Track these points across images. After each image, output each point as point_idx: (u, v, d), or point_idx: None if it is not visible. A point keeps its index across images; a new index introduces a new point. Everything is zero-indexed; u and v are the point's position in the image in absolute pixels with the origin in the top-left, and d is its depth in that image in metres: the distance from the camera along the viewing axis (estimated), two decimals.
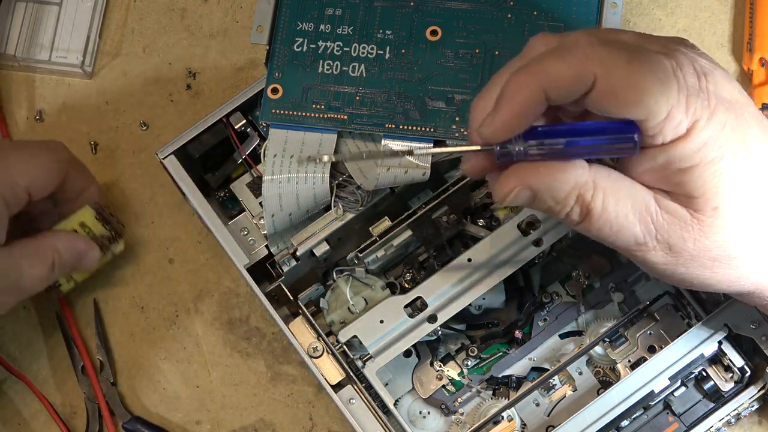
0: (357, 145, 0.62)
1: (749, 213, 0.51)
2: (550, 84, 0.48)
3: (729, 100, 0.50)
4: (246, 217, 0.65)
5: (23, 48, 0.71)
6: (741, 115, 0.50)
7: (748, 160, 0.50)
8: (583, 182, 0.50)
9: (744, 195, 0.50)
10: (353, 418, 0.60)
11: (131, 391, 0.67)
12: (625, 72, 0.48)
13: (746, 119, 0.51)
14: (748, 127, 0.51)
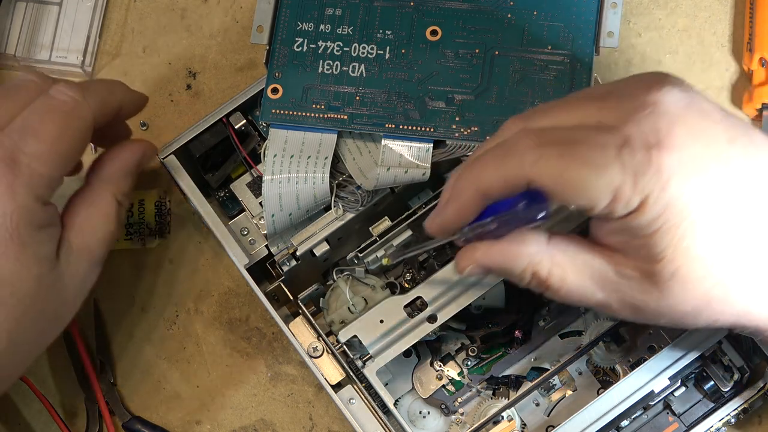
0: (357, 145, 0.62)
1: (723, 258, 0.50)
2: (486, 189, 0.51)
3: (701, 154, 0.49)
4: (246, 217, 0.65)
5: (23, 48, 0.71)
6: (725, 158, 0.50)
7: (726, 205, 0.50)
8: (537, 261, 0.52)
9: (716, 243, 0.50)
10: (353, 418, 0.60)
11: (131, 391, 0.67)
12: (557, 171, 0.49)
13: (733, 158, 0.50)
14: (736, 165, 0.50)
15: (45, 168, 0.55)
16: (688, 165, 0.49)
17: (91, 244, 0.59)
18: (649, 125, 0.49)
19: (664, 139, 0.49)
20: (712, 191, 0.49)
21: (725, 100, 0.69)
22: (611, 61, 0.70)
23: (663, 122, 0.49)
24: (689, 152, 0.49)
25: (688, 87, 0.51)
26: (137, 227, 0.69)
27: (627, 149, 0.49)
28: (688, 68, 0.70)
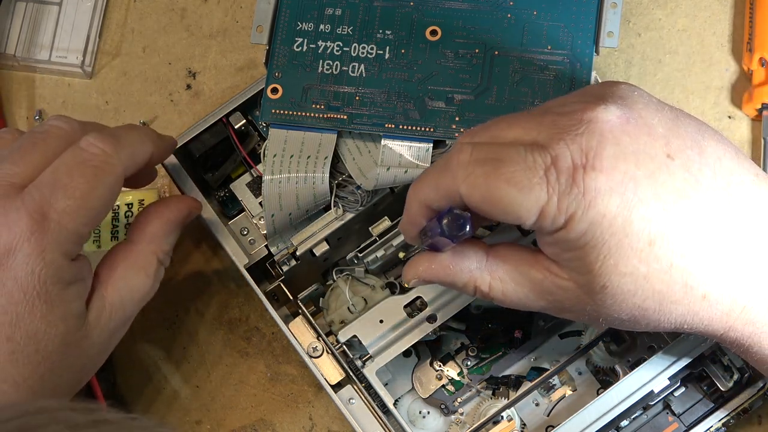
0: (357, 145, 0.62)
1: (655, 273, 0.51)
2: (427, 201, 0.53)
3: (631, 173, 0.50)
4: (246, 217, 0.65)
5: (23, 48, 0.71)
6: (660, 175, 0.50)
7: (658, 221, 0.50)
8: (477, 276, 0.54)
9: (646, 259, 0.50)
10: (353, 418, 0.60)
11: (131, 391, 0.67)
12: (485, 189, 0.50)
13: (672, 174, 0.50)
14: (674, 181, 0.50)
15: (74, 224, 0.54)
16: (616, 185, 0.49)
17: (126, 302, 0.57)
18: (579, 145, 0.50)
19: (592, 160, 0.49)
20: (641, 209, 0.50)
21: (725, 100, 0.69)
22: (611, 61, 0.70)
23: (593, 142, 0.50)
24: (618, 172, 0.49)
25: (632, 100, 0.51)
26: None
27: (553, 170, 0.49)
28: (688, 68, 0.70)
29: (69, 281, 0.54)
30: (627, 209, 0.49)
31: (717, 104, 0.69)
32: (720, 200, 0.51)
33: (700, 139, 0.52)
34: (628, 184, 0.49)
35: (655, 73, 0.70)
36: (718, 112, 0.69)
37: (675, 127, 0.51)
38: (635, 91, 0.52)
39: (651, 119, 0.51)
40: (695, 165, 0.51)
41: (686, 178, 0.50)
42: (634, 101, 0.51)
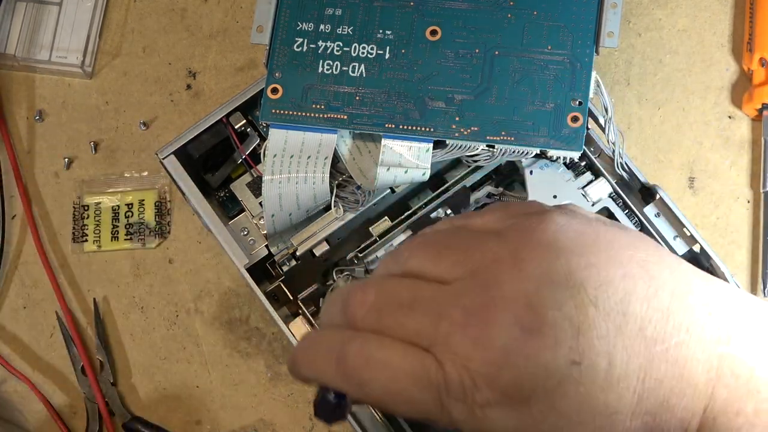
0: (357, 145, 0.62)
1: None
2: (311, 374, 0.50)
3: (528, 396, 0.46)
4: (246, 217, 0.65)
5: (23, 48, 0.71)
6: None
7: (575, 424, 0.47)
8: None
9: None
10: (353, 418, 0.60)
11: (131, 391, 0.67)
12: (372, 400, 0.48)
13: (575, 377, 0.47)
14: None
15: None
16: (509, 410, 0.47)
17: None
18: (469, 373, 0.47)
19: (484, 390, 0.46)
20: (538, 426, 0.47)
21: (725, 100, 0.69)
22: (611, 61, 0.70)
23: (485, 369, 0.46)
24: (512, 399, 0.47)
25: (540, 301, 0.47)
26: (137, 227, 0.69)
27: (445, 392, 0.47)
28: (688, 68, 0.70)
29: None
30: (522, 429, 0.47)
31: (717, 104, 0.69)
32: (625, 392, 0.47)
33: (623, 311, 0.47)
34: (522, 408, 0.47)
35: (655, 73, 0.70)
36: (718, 112, 0.69)
37: (590, 313, 0.47)
38: (552, 264, 0.48)
39: (559, 320, 0.47)
40: (605, 358, 0.47)
41: (591, 380, 0.47)
42: (542, 301, 0.47)
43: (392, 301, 0.49)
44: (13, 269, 0.69)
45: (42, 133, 0.71)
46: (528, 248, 0.48)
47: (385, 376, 0.48)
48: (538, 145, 0.59)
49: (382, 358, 0.48)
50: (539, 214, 0.50)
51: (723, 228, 0.68)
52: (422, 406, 0.48)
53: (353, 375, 0.48)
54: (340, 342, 0.49)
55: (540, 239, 0.48)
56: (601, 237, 0.49)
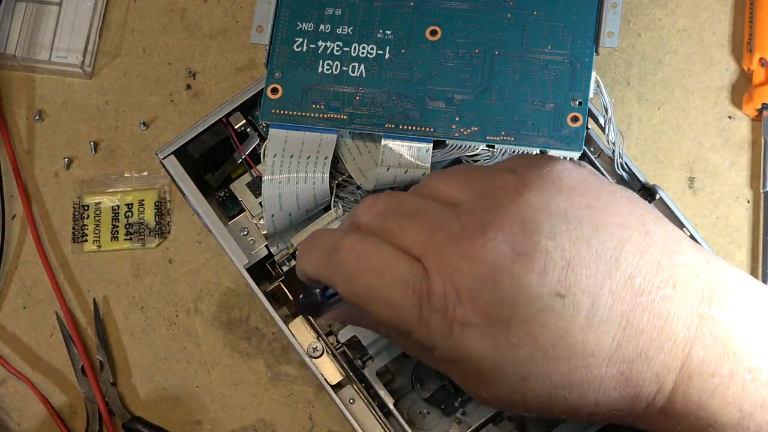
0: (357, 145, 0.62)
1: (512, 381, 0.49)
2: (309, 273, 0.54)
3: (509, 318, 0.48)
4: (246, 217, 0.65)
5: (23, 48, 0.71)
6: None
7: (550, 355, 0.48)
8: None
9: (534, 390, 0.49)
10: (353, 418, 0.60)
11: (131, 391, 0.67)
12: (363, 301, 0.50)
13: (557, 309, 0.48)
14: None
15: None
16: (488, 331, 0.48)
17: None
18: (454, 285, 0.48)
19: (466, 305, 0.48)
20: (513, 352, 0.48)
21: (725, 100, 0.69)
22: (611, 61, 0.70)
23: (470, 284, 0.48)
24: (491, 318, 0.48)
25: (536, 224, 0.48)
26: (137, 227, 0.69)
27: (427, 302, 0.48)
28: (688, 68, 0.70)
29: None
30: (498, 353, 0.48)
31: (717, 104, 0.69)
32: (604, 336, 0.48)
33: (615, 256, 0.48)
34: (501, 330, 0.48)
35: (655, 73, 0.70)
36: (718, 112, 0.69)
37: (583, 251, 0.48)
38: (553, 198, 0.49)
39: (551, 249, 0.48)
40: (589, 297, 0.48)
41: (572, 315, 0.48)
42: (538, 227, 0.48)
43: (399, 210, 0.51)
44: (13, 269, 0.69)
45: (42, 133, 0.71)
46: (533, 181, 0.50)
47: (372, 274, 0.49)
48: (538, 145, 0.59)
49: (373, 257, 0.50)
50: (549, 158, 0.52)
51: (723, 228, 0.68)
52: (402, 311, 0.49)
53: (342, 268, 0.50)
54: (338, 236, 0.51)
55: (545, 174, 0.50)
56: (605, 187, 0.51)
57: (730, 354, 0.49)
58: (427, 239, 0.49)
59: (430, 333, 0.49)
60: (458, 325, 0.48)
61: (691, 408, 0.49)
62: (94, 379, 0.66)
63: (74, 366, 0.67)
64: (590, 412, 0.50)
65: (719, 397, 0.49)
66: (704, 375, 0.49)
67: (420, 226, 0.50)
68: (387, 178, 0.60)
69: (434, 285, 0.48)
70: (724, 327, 0.49)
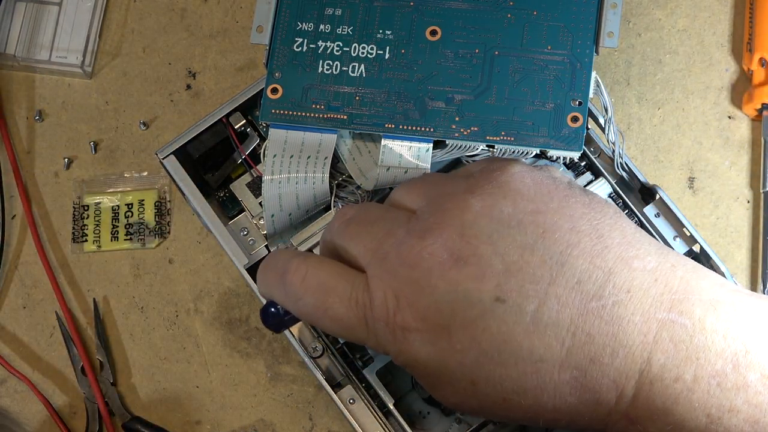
0: (357, 145, 0.62)
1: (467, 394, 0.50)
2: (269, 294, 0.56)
3: (448, 323, 0.48)
4: (246, 217, 0.65)
5: (23, 48, 0.71)
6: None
7: (494, 359, 0.48)
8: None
9: (486, 393, 0.49)
10: (353, 418, 0.60)
11: (131, 391, 0.67)
12: (314, 319, 0.52)
13: (497, 314, 0.48)
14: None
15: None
16: (428, 335, 0.48)
17: None
18: (394, 291, 0.49)
19: (405, 311, 0.49)
20: (456, 356, 0.48)
21: (725, 100, 0.69)
22: (611, 61, 0.70)
23: (408, 290, 0.49)
24: (430, 323, 0.48)
25: (476, 230, 0.48)
26: (137, 227, 0.69)
27: (371, 313, 0.49)
28: (688, 68, 0.70)
29: None
30: (440, 357, 0.48)
31: (717, 104, 0.69)
32: (552, 342, 0.48)
33: (561, 261, 0.48)
34: (441, 334, 0.48)
35: (655, 73, 0.70)
36: (718, 112, 0.69)
37: (526, 256, 0.48)
38: (497, 203, 0.49)
39: (490, 254, 0.48)
40: (532, 303, 0.47)
41: (515, 320, 0.47)
42: (478, 231, 0.48)
43: (362, 218, 0.52)
44: (13, 269, 0.69)
45: (42, 133, 0.71)
46: (479, 185, 0.50)
47: (316, 293, 0.51)
48: (537, 145, 0.59)
49: (316, 276, 0.51)
50: (505, 162, 0.52)
51: (723, 228, 0.68)
52: (349, 324, 0.50)
53: (290, 290, 0.51)
54: (287, 258, 0.52)
55: (494, 179, 0.50)
56: (559, 191, 0.50)
57: (693, 359, 0.48)
58: (375, 246, 0.50)
59: (378, 341, 0.50)
60: (400, 331, 0.49)
61: (657, 414, 0.48)
62: (94, 379, 0.66)
63: (74, 366, 0.67)
64: (551, 417, 0.49)
65: (684, 402, 0.48)
66: (666, 381, 0.48)
67: (374, 234, 0.51)
68: (387, 178, 0.61)
69: (374, 293, 0.49)
70: (685, 332, 0.48)
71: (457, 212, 0.49)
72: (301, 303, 0.52)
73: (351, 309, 0.50)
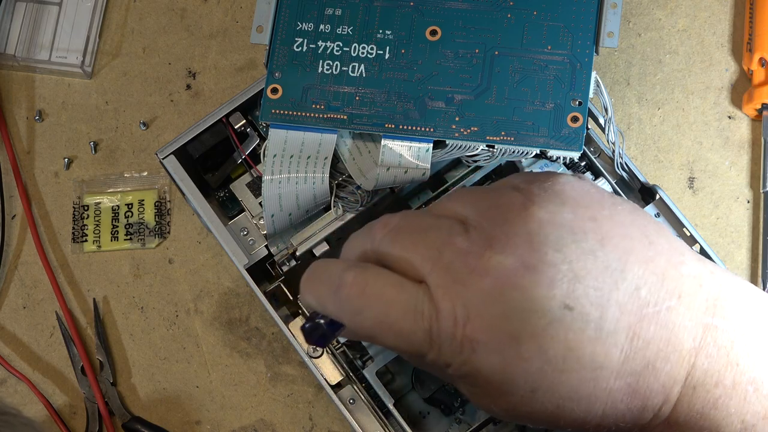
0: (357, 145, 0.62)
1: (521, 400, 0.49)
2: (314, 305, 0.54)
3: (518, 333, 0.47)
4: (246, 217, 0.65)
5: (23, 48, 0.71)
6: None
7: (559, 368, 0.48)
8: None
9: (542, 401, 0.49)
10: (353, 419, 0.60)
11: (131, 391, 0.67)
12: (372, 333, 0.50)
13: (566, 322, 0.47)
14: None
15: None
16: (496, 345, 0.48)
17: None
18: (463, 302, 0.48)
19: (474, 321, 0.48)
20: (523, 365, 0.48)
21: (725, 100, 0.69)
22: (611, 61, 0.70)
23: (478, 300, 0.48)
24: (500, 333, 0.47)
25: (540, 239, 0.48)
26: (137, 227, 0.69)
27: (436, 325, 0.48)
28: (688, 68, 0.70)
29: None
30: (508, 367, 0.48)
31: (717, 104, 0.69)
32: (612, 349, 0.48)
33: (620, 268, 0.48)
34: (511, 344, 0.47)
35: (655, 73, 0.70)
36: (718, 112, 0.69)
37: (589, 263, 0.48)
38: (558, 210, 0.49)
39: (558, 262, 0.48)
40: (597, 310, 0.47)
41: (581, 328, 0.47)
42: (544, 239, 0.48)
43: (410, 227, 0.51)
44: (13, 269, 0.69)
45: (42, 133, 0.71)
46: (537, 195, 0.50)
47: (378, 307, 0.49)
48: (537, 145, 0.59)
49: (377, 289, 0.50)
50: (551, 173, 0.52)
51: (723, 228, 0.68)
52: (412, 338, 0.49)
53: (348, 303, 0.50)
54: (341, 270, 0.51)
55: (548, 188, 0.50)
56: (606, 199, 0.51)
57: (733, 364, 0.48)
58: (435, 255, 0.49)
59: (440, 354, 0.49)
60: (468, 342, 0.48)
61: (694, 419, 0.49)
62: (94, 379, 0.66)
63: (74, 366, 0.67)
64: (596, 424, 0.49)
65: (722, 407, 0.48)
66: (708, 385, 0.48)
67: (429, 242, 0.50)
68: (387, 178, 0.60)
69: (442, 305, 0.48)
70: (727, 337, 0.49)
71: (520, 221, 0.49)
72: (361, 317, 0.50)
73: (416, 323, 0.49)
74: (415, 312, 0.49)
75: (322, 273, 0.52)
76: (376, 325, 0.49)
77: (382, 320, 0.49)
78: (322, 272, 0.52)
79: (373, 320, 0.49)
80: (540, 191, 0.50)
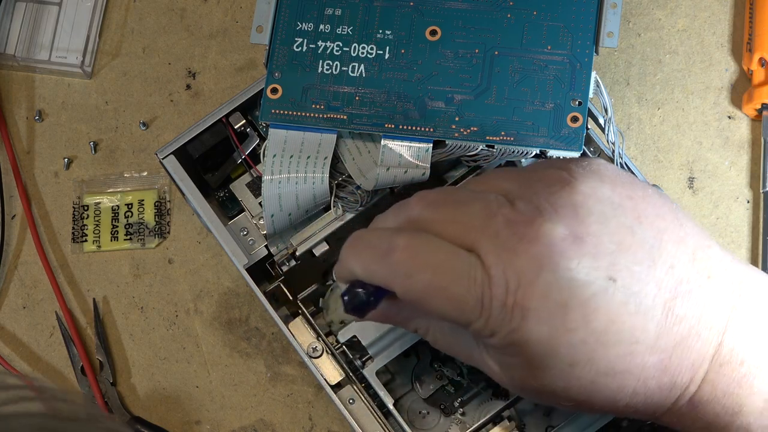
0: (356, 145, 0.62)
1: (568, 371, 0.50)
2: (355, 274, 0.54)
3: (566, 302, 0.48)
4: (246, 217, 0.65)
5: (23, 48, 0.71)
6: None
7: (600, 340, 0.48)
8: (415, 324, 0.55)
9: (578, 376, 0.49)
10: (353, 418, 0.60)
11: (131, 391, 0.67)
12: (423, 299, 0.50)
13: (610, 294, 0.48)
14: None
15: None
16: (545, 314, 0.48)
17: None
18: (515, 269, 0.48)
19: (525, 288, 0.48)
20: (567, 337, 0.48)
21: (725, 100, 0.69)
22: (611, 62, 0.70)
23: (529, 268, 0.48)
24: (549, 301, 0.48)
25: (586, 211, 0.49)
26: (137, 227, 0.69)
27: (489, 292, 0.49)
28: (688, 68, 0.70)
29: None
30: (553, 338, 0.48)
31: (717, 104, 0.69)
32: (649, 324, 0.49)
33: (657, 246, 0.50)
34: (558, 313, 0.48)
35: (655, 73, 0.70)
36: (718, 112, 0.69)
37: (628, 238, 0.49)
38: (599, 186, 0.50)
39: (602, 234, 0.49)
40: (637, 284, 0.49)
41: (623, 301, 0.48)
42: (588, 211, 0.49)
43: (450, 199, 0.52)
44: (13, 269, 0.69)
45: (42, 133, 0.71)
46: (578, 171, 0.51)
47: (430, 271, 0.49)
48: (537, 145, 0.59)
49: (429, 254, 0.50)
50: (586, 156, 0.54)
51: (723, 228, 0.68)
52: (464, 304, 0.49)
53: (400, 267, 0.50)
54: (390, 236, 0.51)
55: (587, 167, 0.51)
56: (637, 182, 0.52)
57: (759, 342, 0.50)
58: (481, 224, 0.50)
59: (489, 321, 0.49)
60: (519, 310, 0.48)
61: (718, 397, 0.50)
62: (94, 379, 0.66)
63: (74, 366, 0.67)
64: (625, 404, 0.50)
65: (746, 386, 0.50)
66: (734, 363, 0.50)
67: (474, 213, 0.50)
68: (387, 178, 0.60)
69: (493, 272, 0.49)
70: (752, 317, 0.50)
71: (565, 193, 0.50)
72: (412, 281, 0.50)
73: (469, 288, 0.49)
74: (468, 278, 0.49)
75: (367, 240, 0.52)
76: (428, 289, 0.50)
77: (435, 284, 0.49)
78: (367, 239, 0.52)
79: (426, 283, 0.50)
80: (580, 168, 0.51)
